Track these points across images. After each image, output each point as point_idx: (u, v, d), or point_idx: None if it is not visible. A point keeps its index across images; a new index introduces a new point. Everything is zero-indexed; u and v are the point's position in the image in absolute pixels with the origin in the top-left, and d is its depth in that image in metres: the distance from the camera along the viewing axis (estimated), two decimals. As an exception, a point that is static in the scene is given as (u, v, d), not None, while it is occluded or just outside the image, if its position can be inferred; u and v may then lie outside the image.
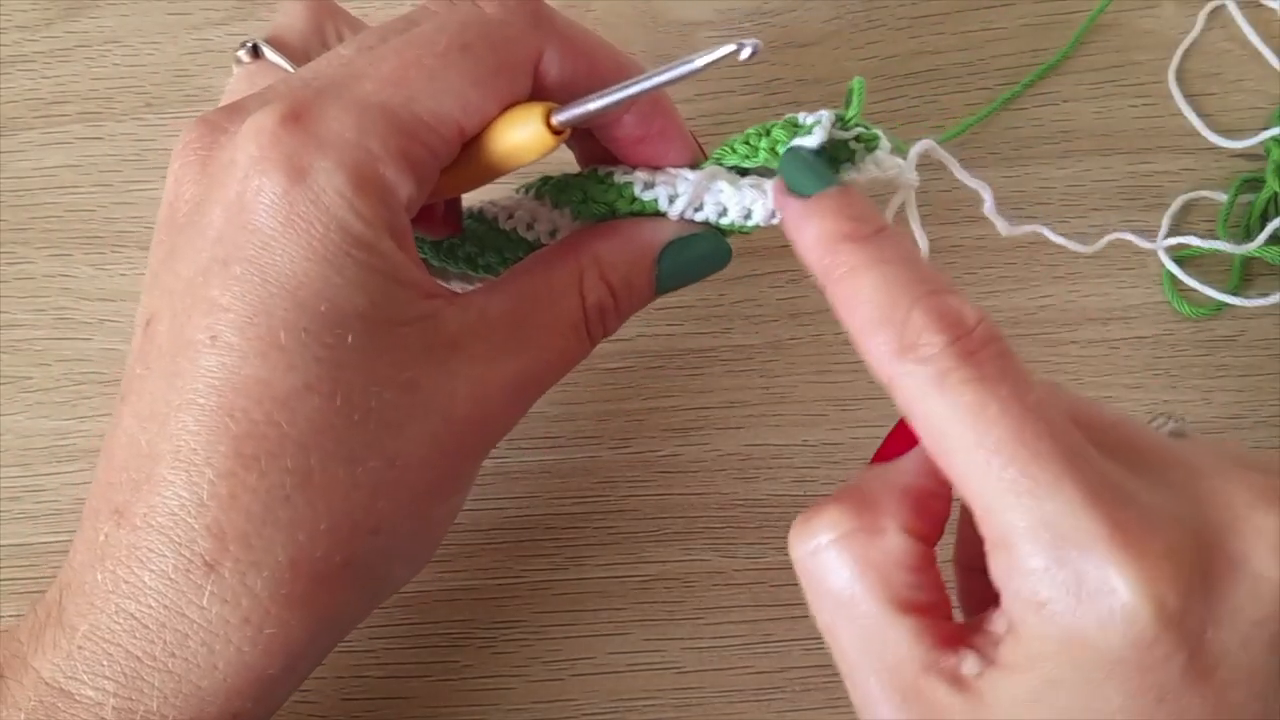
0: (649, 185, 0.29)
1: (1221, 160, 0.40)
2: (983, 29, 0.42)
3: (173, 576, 0.24)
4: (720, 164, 0.29)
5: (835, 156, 0.28)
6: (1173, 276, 0.39)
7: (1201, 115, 0.41)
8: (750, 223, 0.29)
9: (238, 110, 0.26)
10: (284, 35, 0.32)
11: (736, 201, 0.29)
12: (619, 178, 0.29)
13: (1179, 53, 0.41)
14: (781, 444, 0.37)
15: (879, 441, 0.37)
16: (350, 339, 0.24)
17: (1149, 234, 0.39)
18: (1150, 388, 0.38)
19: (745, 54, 0.25)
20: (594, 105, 0.26)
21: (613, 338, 0.38)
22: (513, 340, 0.27)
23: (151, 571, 0.24)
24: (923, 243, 0.27)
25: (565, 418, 0.37)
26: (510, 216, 0.30)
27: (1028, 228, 0.33)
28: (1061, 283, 0.39)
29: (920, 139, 0.27)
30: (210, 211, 0.25)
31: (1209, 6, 0.42)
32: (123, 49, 0.41)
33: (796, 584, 0.36)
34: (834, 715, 0.35)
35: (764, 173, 0.29)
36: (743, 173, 0.29)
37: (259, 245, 0.24)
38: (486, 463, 0.36)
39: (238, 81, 0.32)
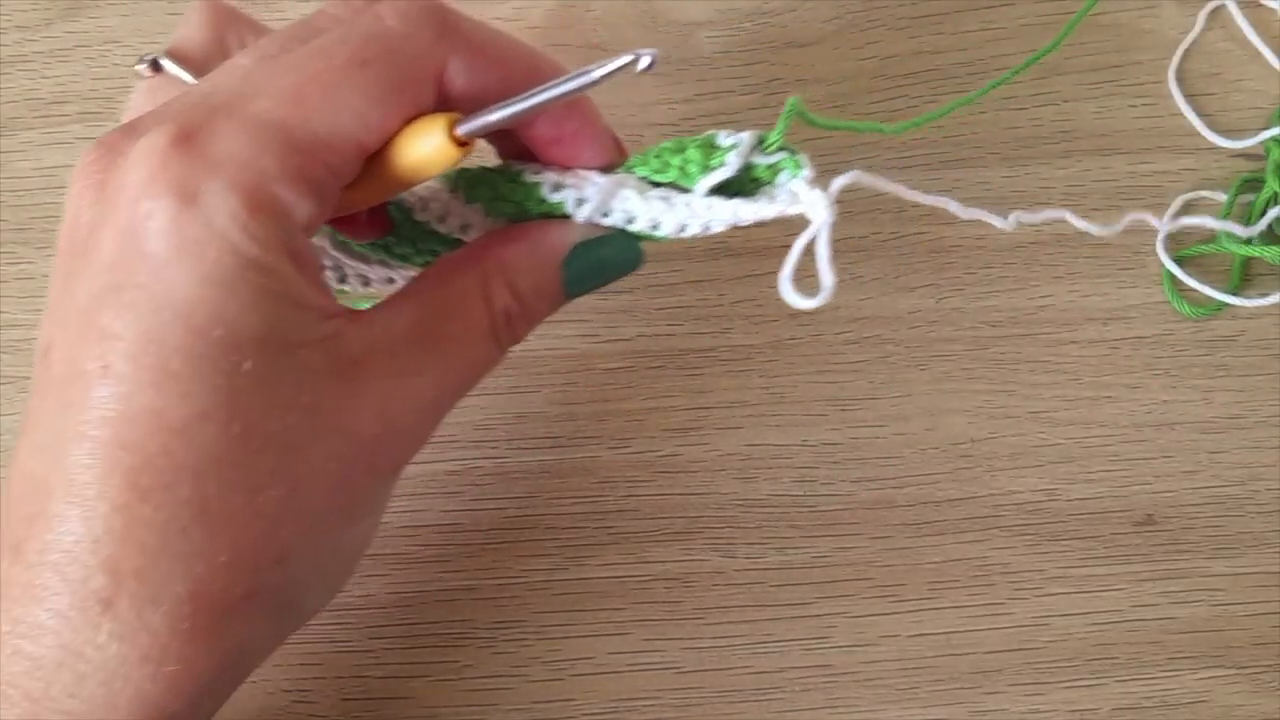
0: (558, 187, 0.28)
1: (1221, 160, 0.40)
2: (982, 29, 0.42)
3: (69, 615, 0.23)
4: (632, 172, 0.28)
5: (747, 184, 0.27)
6: (1173, 276, 0.39)
7: (1201, 115, 0.41)
8: (659, 233, 0.28)
9: (133, 130, 0.25)
10: (184, 47, 0.31)
11: (644, 211, 0.28)
12: (529, 177, 0.29)
13: (1179, 53, 0.41)
14: (781, 444, 0.37)
15: (880, 441, 0.37)
16: (247, 365, 0.24)
17: (1148, 234, 0.39)
18: (1150, 388, 0.38)
19: (643, 64, 0.25)
20: (496, 117, 0.26)
21: (613, 338, 0.38)
22: (419, 355, 0.26)
23: (47, 610, 0.23)
24: (828, 280, 0.25)
25: (565, 418, 0.37)
26: (425, 208, 0.30)
27: (1047, 214, 0.32)
28: (1061, 283, 0.39)
29: (852, 169, 0.26)
30: (103, 237, 0.24)
31: (1209, 6, 0.42)
32: (123, 49, 0.41)
33: (797, 584, 0.36)
34: (834, 715, 0.35)
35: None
36: (656, 183, 0.28)
37: (151, 271, 0.23)
38: (485, 462, 0.37)
39: (138, 97, 0.31)
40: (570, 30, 0.41)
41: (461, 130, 0.26)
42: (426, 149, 0.26)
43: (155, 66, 0.30)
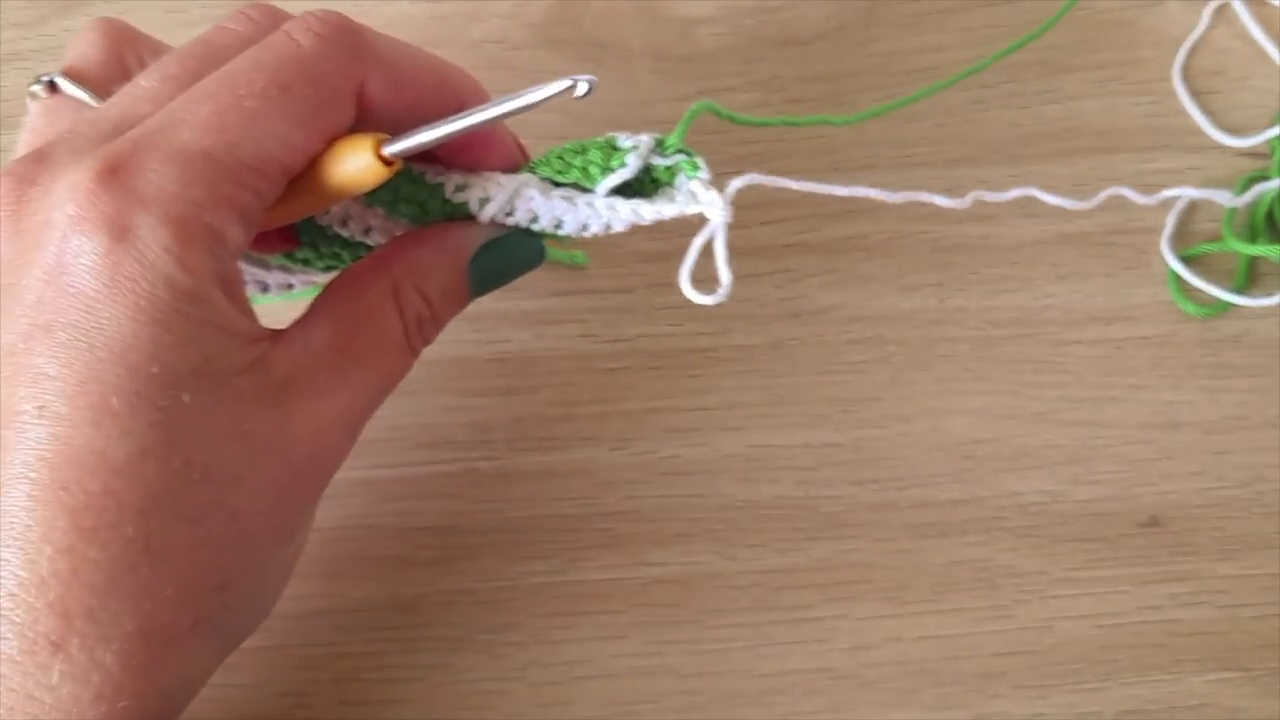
0: (461, 188, 0.29)
1: (1226, 159, 0.40)
2: (985, 26, 0.41)
3: (18, 659, 0.23)
4: (535, 173, 0.29)
5: (647, 184, 0.28)
6: (1178, 276, 0.38)
7: (1206, 113, 0.40)
8: (562, 232, 0.28)
9: (44, 160, 0.25)
10: (81, 66, 0.31)
11: (547, 211, 0.28)
12: (431, 178, 0.29)
13: (1184, 50, 0.41)
14: (782, 445, 0.37)
15: (882, 442, 0.37)
16: (185, 398, 0.24)
17: (1153, 232, 0.39)
18: (1155, 388, 0.38)
19: (581, 90, 0.25)
20: (426, 138, 0.26)
21: (612, 338, 0.38)
22: (340, 370, 0.27)
23: None
24: (725, 278, 0.26)
25: (564, 418, 0.37)
26: (327, 213, 0.30)
27: (1014, 192, 0.32)
28: (1065, 282, 0.39)
29: (747, 173, 0.27)
30: (28, 274, 0.24)
31: (1214, 4, 0.42)
32: (118, 46, 0.41)
33: (798, 587, 0.36)
34: (835, 718, 0.34)
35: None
36: (559, 184, 0.29)
37: (83, 309, 0.23)
38: (484, 465, 0.36)
39: (34, 119, 0.30)
40: (570, 27, 0.41)
41: (389, 151, 0.26)
42: (354, 169, 0.26)
43: (52, 87, 0.30)
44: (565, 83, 0.25)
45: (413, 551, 0.35)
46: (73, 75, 0.30)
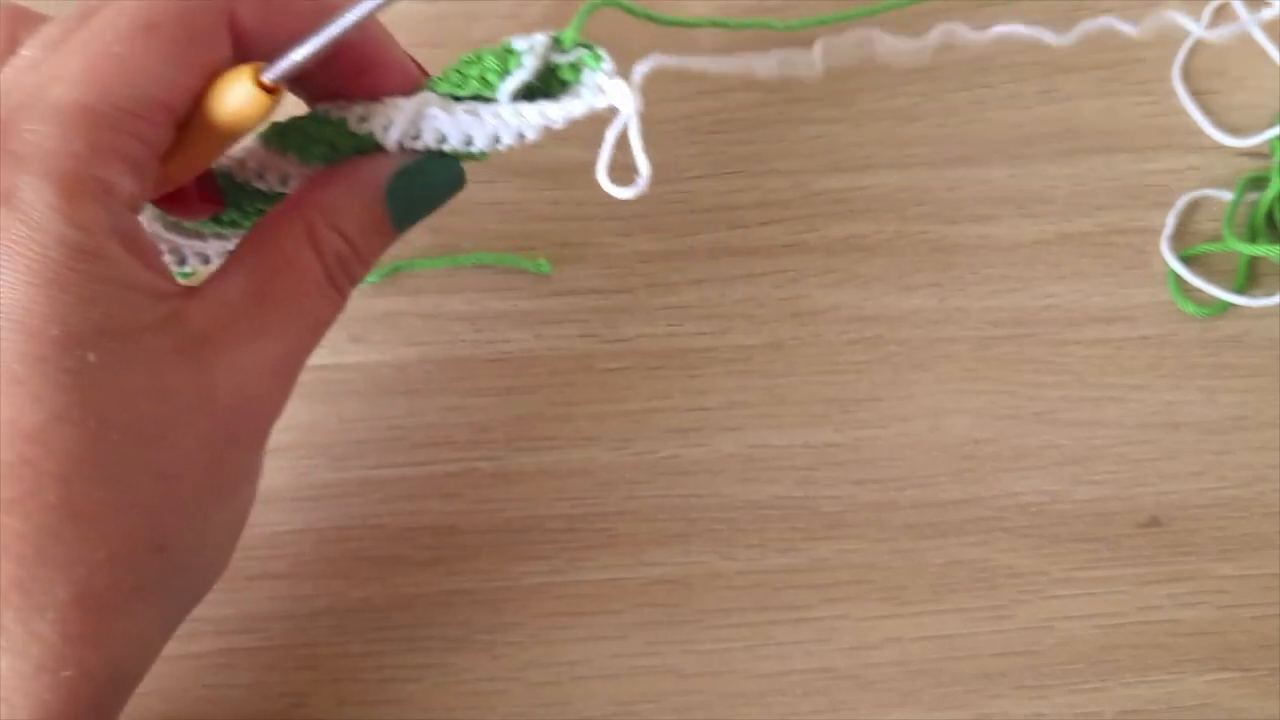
0: (364, 118, 0.28)
1: (1226, 158, 0.40)
2: (986, 26, 0.41)
3: None
4: (435, 91, 0.28)
5: (551, 84, 0.27)
6: (1178, 276, 0.38)
7: (1206, 113, 0.40)
8: (476, 149, 0.28)
9: None
10: None
11: (454, 128, 0.27)
12: (335, 114, 0.28)
13: (1184, 50, 0.41)
14: (782, 445, 0.37)
15: (882, 442, 0.37)
16: (91, 358, 0.23)
17: (1153, 233, 0.39)
18: (1155, 388, 0.38)
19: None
20: (299, 54, 0.25)
21: (612, 338, 0.38)
22: (260, 318, 0.26)
23: None
24: (644, 168, 0.26)
25: (563, 418, 0.37)
26: (244, 168, 0.29)
27: (999, 29, 0.32)
28: (1065, 282, 0.39)
29: (650, 55, 0.27)
30: None
31: (1213, 4, 0.42)
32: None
33: (798, 587, 0.36)
34: (835, 718, 0.34)
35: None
36: (460, 99, 0.28)
37: None
38: (484, 465, 0.36)
39: None
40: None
41: (267, 76, 0.25)
42: (236, 102, 0.25)
43: None
44: None
45: (412, 551, 0.35)
46: None
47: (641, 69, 0.26)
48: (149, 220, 0.30)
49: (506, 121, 0.27)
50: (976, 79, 0.41)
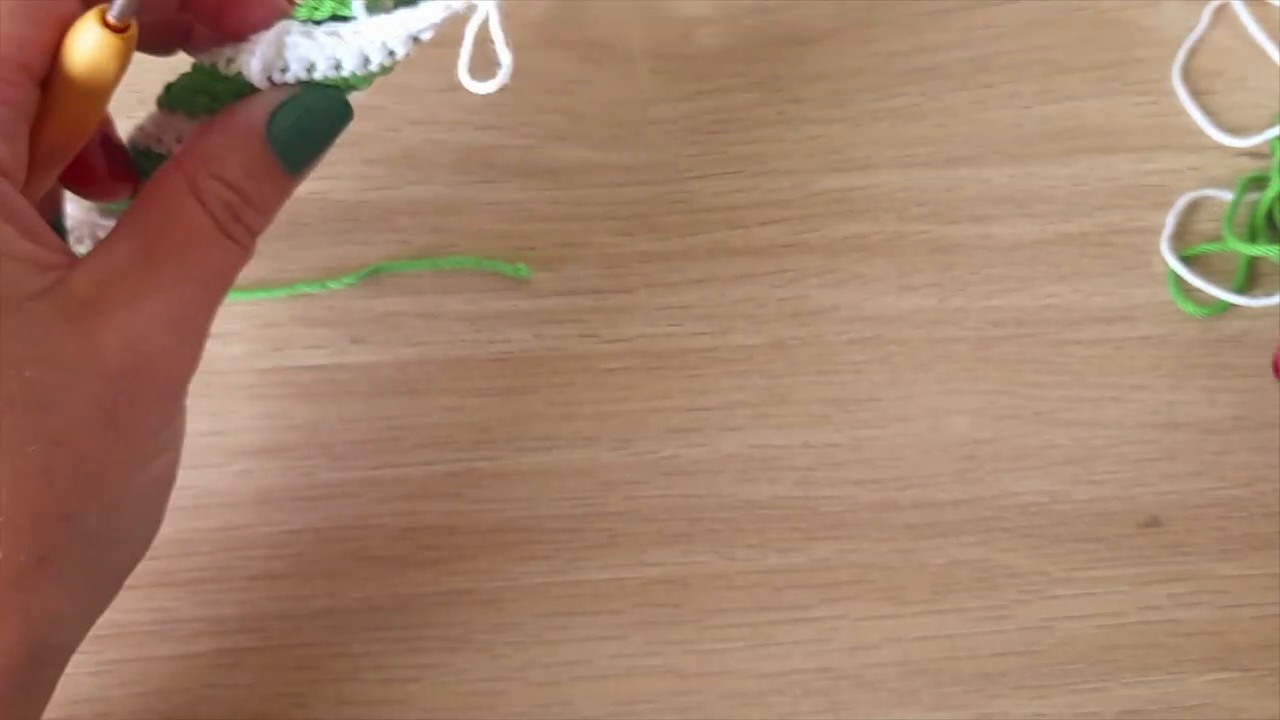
0: (231, 59, 0.27)
1: (1225, 158, 0.40)
2: (985, 26, 0.41)
3: None
4: (295, 19, 0.27)
5: None
6: (1178, 276, 0.38)
7: (1206, 113, 0.40)
8: (346, 73, 0.27)
9: None
10: None
11: (317, 53, 0.27)
12: (206, 60, 0.28)
13: (1184, 50, 0.41)
14: (782, 445, 0.37)
15: (882, 443, 0.37)
16: None
17: (1152, 233, 0.39)
18: (1155, 388, 0.38)
19: None
20: None
21: (612, 338, 0.38)
22: (148, 275, 0.25)
23: None
24: (505, 59, 0.26)
25: (564, 418, 0.37)
26: (144, 134, 0.29)
27: None
28: (1065, 282, 0.39)
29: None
30: None
31: (1213, 3, 0.42)
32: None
33: (798, 587, 0.36)
34: (834, 718, 0.34)
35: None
36: (319, 23, 0.27)
37: None
38: (484, 465, 0.36)
39: None
40: (570, 26, 0.41)
41: (112, 15, 0.25)
42: (86, 48, 0.25)
43: None
44: None
45: (413, 551, 0.35)
46: None
47: None
48: (84, 210, 0.30)
49: (369, 38, 0.27)
50: (976, 79, 0.41)
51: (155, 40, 0.28)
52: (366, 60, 0.27)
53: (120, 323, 0.25)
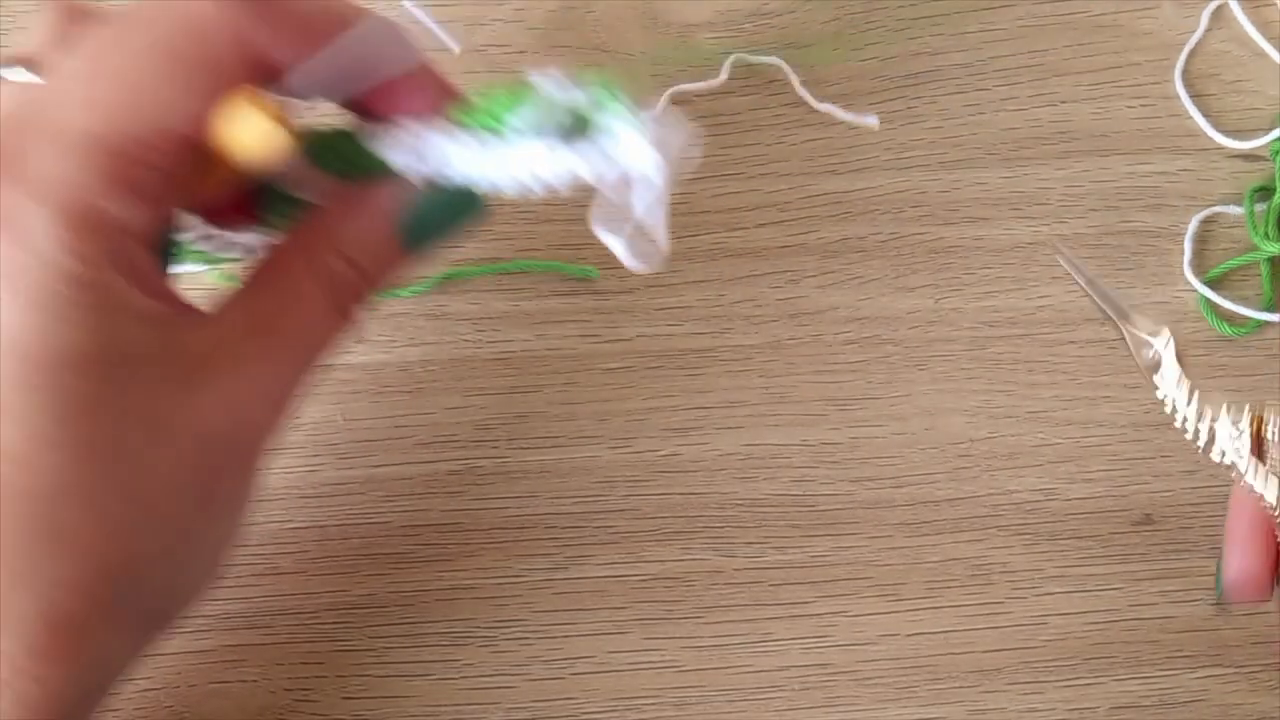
0: (379, 139, 0.27)
1: (1219, 161, 0.40)
2: (981, 30, 0.42)
3: None
4: (455, 122, 0.27)
5: (580, 131, 0.26)
6: (1208, 300, 0.39)
7: (1205, 116, 0.41)
8: (489, 184, 0.27)
9: None
10: (35, 55, 0.28)
11: (463, 163, 0.26)
12: (353, 130, 0.27)
13: (1184, 53, 0.41)
14: (781, 444, 0.37)
15: (878, 441, 0.37)
16: (84, 385, 0.23)
17: (1148, 233, 0.39)
18: (1147, 387, 0.37)
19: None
20: (296, 84, 0.25)
21: (613, 338, 0.38)
22: (260, 343, 0.26)
23: None
24: (663, 241, 0.25)
25: (565, 417, 0.37)
26: (282, 176, 0.29)
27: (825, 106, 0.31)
28: (1060, 283, 0.39)
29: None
30: None
31: (1211, 5, 0.42)
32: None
33: (796, 583, 0.36)
34: (832, 714, 0.35)
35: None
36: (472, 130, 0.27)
37: None
38: (485, 462, 0.37)
39: None
40: (571, 32, 0.41)
41: (268, 102, 0.25)
42: (255, 133, 0.25)
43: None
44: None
45: (416, 548, 0.36)
46: (28, 62, 0.28)
47: (651, 113, 0.25)
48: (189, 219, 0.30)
49: (516, 160, 0.26)
50: (972, 83, 0.41)
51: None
52: (509, 177, 0.26)
53: (223, 390, 0.25)
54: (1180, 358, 0.26)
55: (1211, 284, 0.39)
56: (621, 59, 0.27)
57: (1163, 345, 0.26)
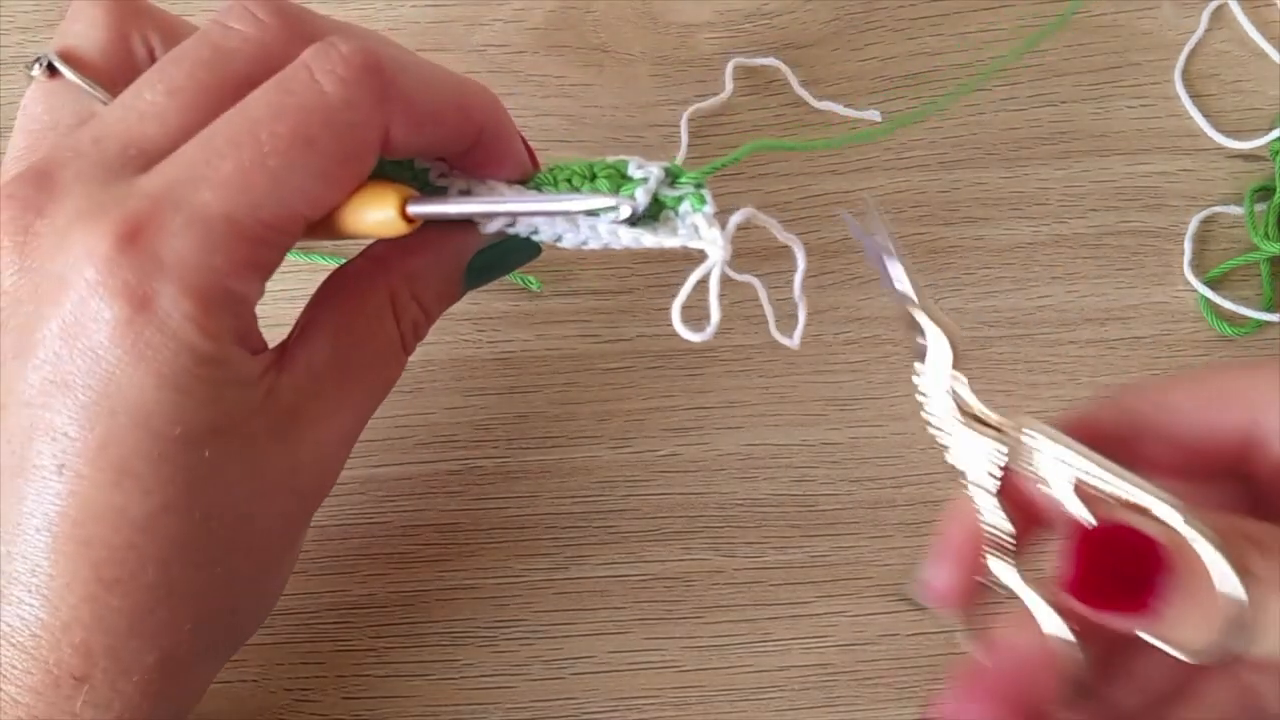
0: (465, 193, 0.29)
1: (1218, 161, 0.40)
2: (981, 30, 0.42)
3: (40, 691, 0.24)
4: (540, 190, 0.29)
5: (652, 207, 0.28)
6: (1209, 300, 0.39)
7: (1204, 116, 0.41)
8: (562, 245, 0.29)
9: (49, 186, 0.24)
10: (82, 48, 0.28)
11: (549, 227, 0.28)
12: (439, 181, 0.29)
13: (1184, 53, 0.41)
14: (780, 443, 0.37)
15: (878, 441, 0.37)
16: (206, 454, 0.24)
17: (1146, 233, 0.39)
18: (1148, 388, 0.38)
19: (624, 214, 0.26)
20: (452, 210, 0.27)
21: (613, 338, 0.38)
22: (342, 387, 0.27)
23: (16, 686, 0.24)
24: (715, 316, 0.27)
25: (565, 417, 0.37)
26: None
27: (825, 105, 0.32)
28: (1059, 283, 0.39)
29: (743, 207, 0.27)
30: (43, 327, 0.24)
31: (1211, 6, 0.42)
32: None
33: (796, 583, 0.36)
34: (833, 714, 0.35)
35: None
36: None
37: (103, 375, 0.23)
38: (486, 462, 0.37)
39: (32, 104, 0.28)
40: (570, 31, 0.42)
41: (414, 211, 0.26)
42: (376, 220, 0.26)
43: (52, 70, 0.28)
44: (611, 201, 0.26)
45: (416, 548, 0.36)
46: (71, 57, 0.28)
47: (737, 219, 0.27)
48: None
49: (599, 235, 0.28)
50: (971, 83, 0.41)
51: None
52: (584, 244, 0.28)
53: (315, 440, 0.26)
54: (956, 360, 0.26)
55: (1211, 284, 0.39)
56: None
57: (933, 340, 0.26)
